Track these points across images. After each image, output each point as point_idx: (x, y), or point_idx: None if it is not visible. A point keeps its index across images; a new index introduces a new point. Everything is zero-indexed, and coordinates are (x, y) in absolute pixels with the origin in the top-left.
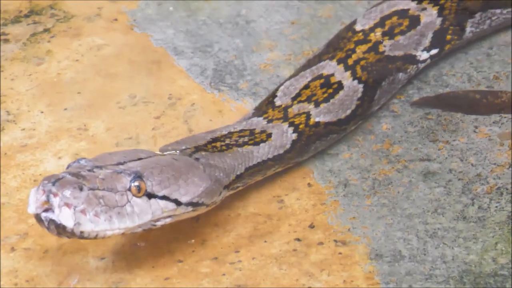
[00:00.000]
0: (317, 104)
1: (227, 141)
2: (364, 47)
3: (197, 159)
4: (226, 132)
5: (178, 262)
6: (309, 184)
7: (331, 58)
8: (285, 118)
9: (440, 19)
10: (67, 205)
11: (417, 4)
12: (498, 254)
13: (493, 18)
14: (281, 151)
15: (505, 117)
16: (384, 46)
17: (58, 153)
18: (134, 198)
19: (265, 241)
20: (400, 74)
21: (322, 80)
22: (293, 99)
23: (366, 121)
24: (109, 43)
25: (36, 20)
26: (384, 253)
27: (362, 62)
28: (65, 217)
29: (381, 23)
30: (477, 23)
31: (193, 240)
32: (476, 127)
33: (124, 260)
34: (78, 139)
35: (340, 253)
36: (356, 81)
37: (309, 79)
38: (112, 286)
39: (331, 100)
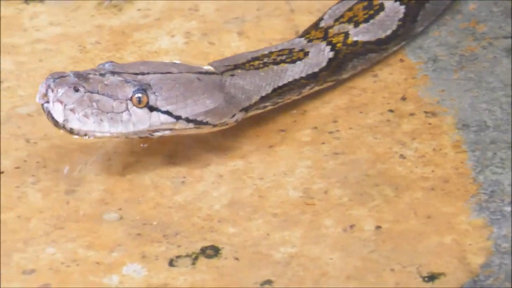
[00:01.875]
0: (356, 24)
1: (265, 59)
2: None
3: (225, 80)
4: (267, 52)
5: (280, 131)
6: (401, 60)
7: None
8: (324, 38)
9: None
10: (59, 101)
11: None
12: None
13: None
14: (316, 69)
15: None
16: None
17: (171, 32)
18: (134, 108)
19: (361, 112)
20: None
21: (365, 3)
22: (336, 20)
23: (455, 2)
24: None
25: None
26: (470, 123)
27: None
28: (56, 112)
29: None
30: None
31: (294, 111)
32: None
33: (232, 130)
34: (189, 18)
35: (429, 124)
36: (398, 3)
37: (354, 2)
38: (219, 153)
39: (371, 21)
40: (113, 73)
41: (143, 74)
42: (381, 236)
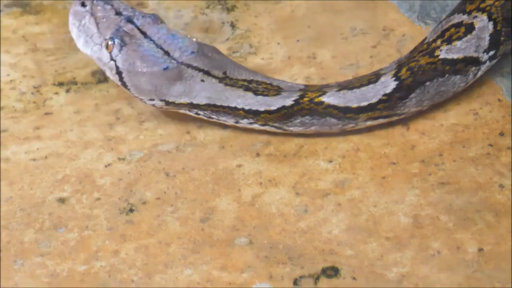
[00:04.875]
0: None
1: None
2: None
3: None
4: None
5: (391, 164)
6: (499, 100)
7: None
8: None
9: None
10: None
11: None
12: None
13: None
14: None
15: None
16: None
17: (293, 77)
18: (103, 47)
19: (463, 146)
20: None
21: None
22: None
23: None
24: None
25: None
26: None
27: None
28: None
29: None
30: None
31: (403, 146)
32: None
33: (348, 163)
34: (308, 65)
35: None
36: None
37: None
38: (338, 185)
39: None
40: (120, 14)
41: (144, 34)
42: (483, 257)
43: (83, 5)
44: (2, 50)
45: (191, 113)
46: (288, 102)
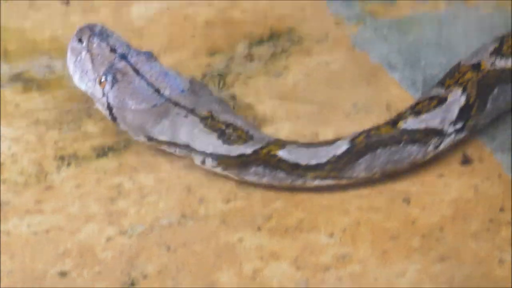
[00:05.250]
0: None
1: None
2: None
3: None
4: None
5: (392, 238)
6: (499, 175)
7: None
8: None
9: None
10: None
11: None
12: None
13: None
14: None
15: None
16: None
17: None
18: (97, 83)
19: (464, 221)
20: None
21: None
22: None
23: None
24: (335, 60)
25: (275, 43)
26: None
27: None
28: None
29: None
30: None
31: (404, 221)
32: None
33: (349, 237)
34: None
35: None
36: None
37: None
38: (339, 259)
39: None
40: (115, 51)
41: (140, 74)
42: None
43: (80, 41)
44: (5, 124)
45: (170, 150)
46: (248, 151)
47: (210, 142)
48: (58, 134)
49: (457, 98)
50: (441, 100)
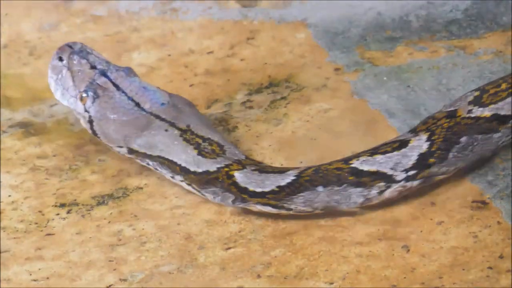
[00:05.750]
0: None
1: None
2: None
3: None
4: None
5: (392, 286)
6: (498, 222)
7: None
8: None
9: None
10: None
11: None
12: None
13: None
14: None
15: None
16: None
17: None
18: (78, 99)
19: (463, 269)
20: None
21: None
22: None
23: None
24: (334, 107)
25: (274, 90)
26: None
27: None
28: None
29: None
30: None
31: (404, 268)
32: None
33: (349, 285)
34: None
35: None
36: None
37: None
38: None
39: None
40: (95, 68)
41: (119, 88)
42: None
43: (60, 59)
44: (4, 171)
45: (143, 163)
46: (212, 168)
47: (185, 155)
48: (58, 181)
49: (419, 144)
50: (403, 144)
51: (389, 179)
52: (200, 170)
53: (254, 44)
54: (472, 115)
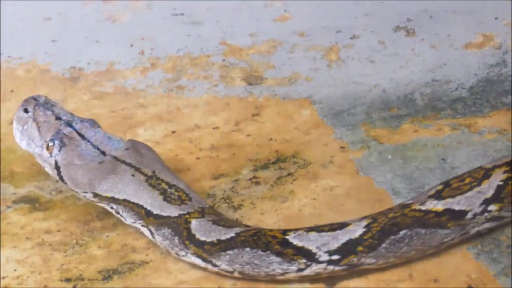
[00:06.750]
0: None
1: None
2: None
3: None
4: None
5: None
6: None
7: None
8: None
9: None
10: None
11: None
12: None
13: None
14: None
15: None
16: None
17: None
18: (44, 148)
19: None
20: None
21: None
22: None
23: None
24: (340, 184)
25: (281, 166)
26: None
27: None
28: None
29: None
30: None
31: None
32: None
33: None
34: None
35: None
36: None
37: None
38: None
39: None
40: (60, 119)
41: (84, 137)
42: None
43: (26, 111)
44: (10, 246)
45: (107, 207)
46: (174, 213)
47: (151, 200)
48: (63, 256)
49: (354, 229)
50: (341, 227)
51: (311, 258)
52: (163, 214)
53: (259, 120)
54: (423, 208)
